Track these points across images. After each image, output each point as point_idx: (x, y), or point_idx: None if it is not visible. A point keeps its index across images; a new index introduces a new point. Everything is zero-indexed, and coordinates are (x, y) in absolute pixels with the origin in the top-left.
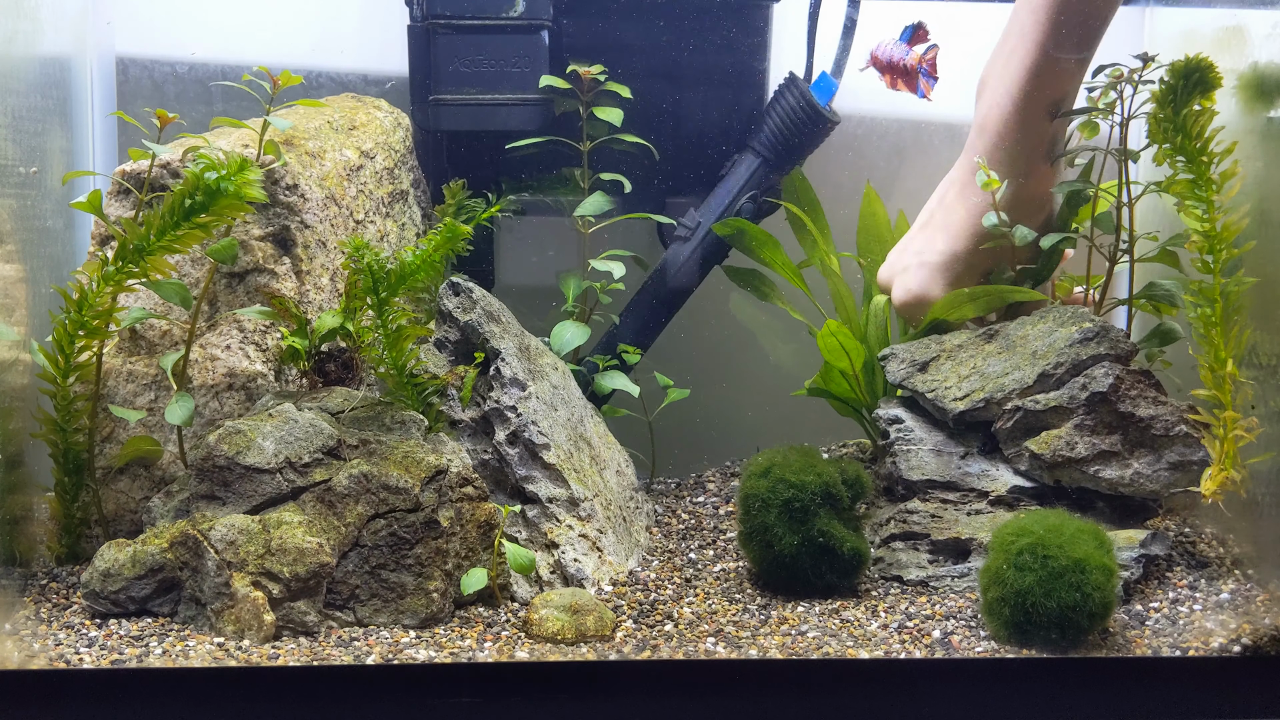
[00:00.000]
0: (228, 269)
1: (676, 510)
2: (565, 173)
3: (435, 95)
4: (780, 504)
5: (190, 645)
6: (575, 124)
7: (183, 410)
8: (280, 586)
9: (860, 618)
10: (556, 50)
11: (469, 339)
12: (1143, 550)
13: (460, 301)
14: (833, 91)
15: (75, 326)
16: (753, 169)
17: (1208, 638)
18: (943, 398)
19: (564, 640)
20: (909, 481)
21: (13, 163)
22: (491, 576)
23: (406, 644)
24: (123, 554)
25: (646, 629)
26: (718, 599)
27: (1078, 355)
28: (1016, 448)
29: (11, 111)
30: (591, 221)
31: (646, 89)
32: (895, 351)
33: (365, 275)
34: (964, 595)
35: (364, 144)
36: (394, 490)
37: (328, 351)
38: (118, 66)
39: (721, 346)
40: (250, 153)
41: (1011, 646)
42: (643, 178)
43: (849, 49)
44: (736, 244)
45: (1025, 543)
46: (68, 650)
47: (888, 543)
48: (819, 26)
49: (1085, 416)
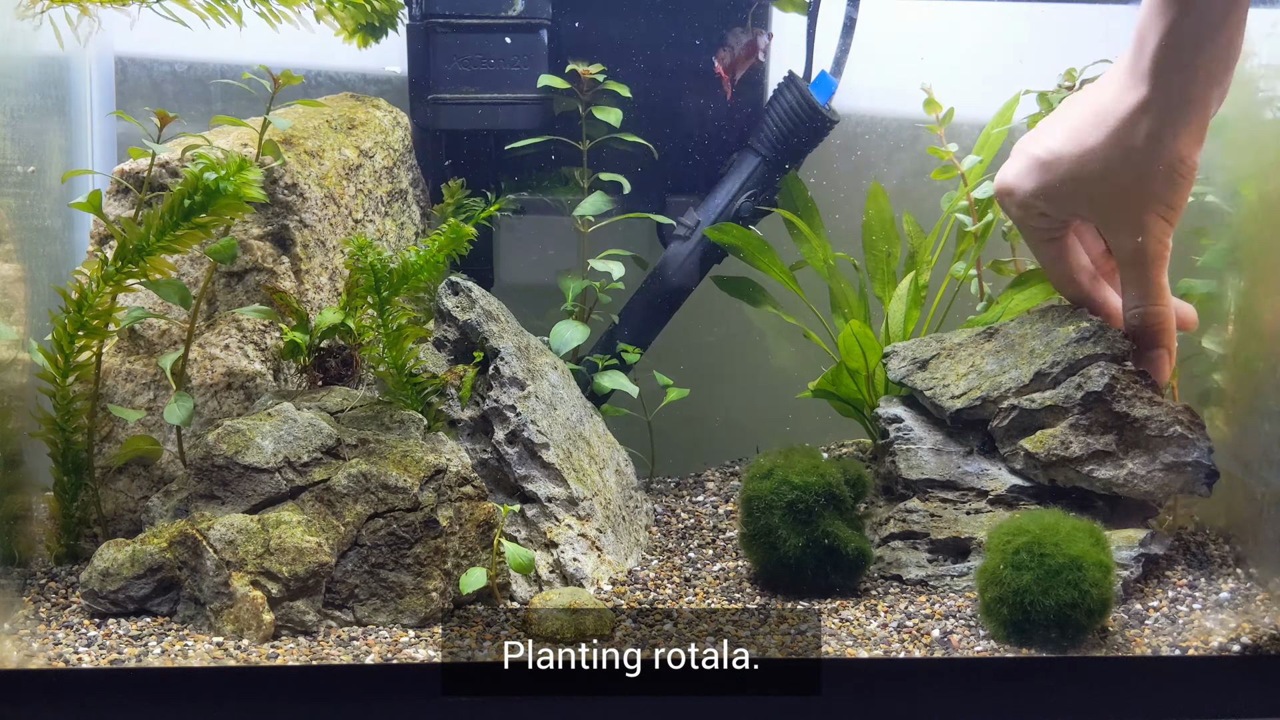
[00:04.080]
0: (226, 268)
1: (676, 509)
2: (564, 172)
3: (434, 94)
4: (784, 505)
5: (189, 645)
6: (574, 123)
7: (182, 410)
8: (279, 586)
9: (860, 617)
10: (556, 49)
11: (468, 338)
12: (1142, 549)
13: (459, 300)
14: (832, 90)
15: (74, 326)
16: (752, 168)
17: (1207, 637)
18: (941, 396)
19: (563, 639)
20: (908, 480)
21: (11, 162)
22: (491, 576)
23: (405, 643)
24: (121, 553)
25: (646, 628)
26: (717, 598)
27: (1074, 354)
28: (1012, 446)
29: (10, 110)
30: (591, 221)
31: (647, 88)
32: (897, 349)
33: (367, 274)
34: (963, 594)
35: (363, 143)
36: (393, 489)
37: (327, 348)
38: (116, 65)
39: (721, 345)
40: (249, 152)
41: (1011, 646)
42: (643, 177)
43: (848, 48)
44: (729, 249)
45: (1021, 541)
46: (66, 650)
47: (887, 542)
48: (819, 25)
49: (1080, 416)
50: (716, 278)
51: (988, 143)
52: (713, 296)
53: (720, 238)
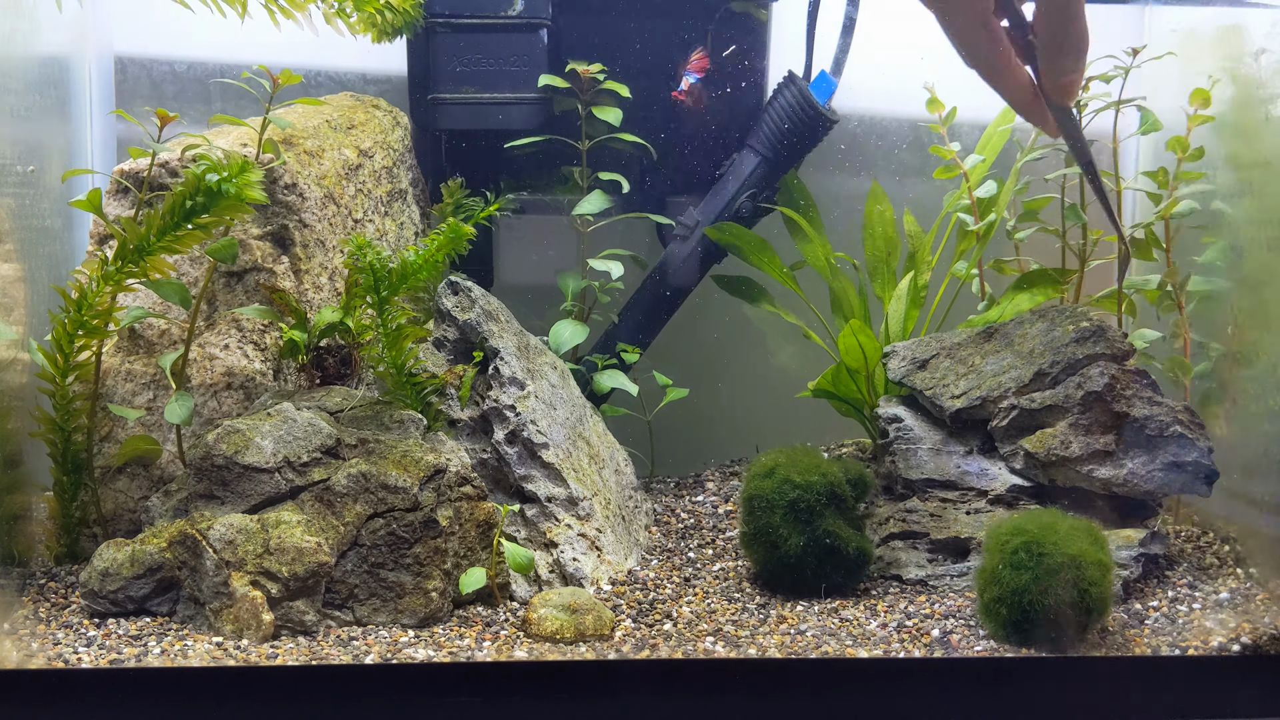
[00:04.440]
0: (226, 268)
1: (675, 509)
2: (564, 171)
3: (434, 94)
4: (786, 505)
5: (189, 645)
6: (574, 123)
7: (181, 409)
8: (279, 586)
9: (859, 616)
10: (555, 49)
11: (468, 338)
12: (1142, 549)
13: (459, 300)
14: (832, 90)
15: (74, 326)
16: (752, 168)
17: (1207, 637)
18: (941, 395)
19: (563, 639)
20: (908, 480)
21: (11, 161)
22: (490, 576)
23: (405, 643)
24: (121, 553)
25: (645, 628)
26: (717, 598)
27: (1074, 354)
28: (1012, 446)
29: (10, 110)
30: (590, 220)
31: (646, 88)
32: (896, 349)
33: (366, 274)
34: (963, 594)
35: (363, 143)
36: (393, 489)
37: (326, 347)
38: (116, 65)
39: (721, 345)
40: (249, 152)
41: (1010, 645)
42: (643, 177)
43: (848, 48)
44: (729, 248)
45: (1020, 541)
46: (66, 650)
47: (887, 541)
48: (818, 25)
49: (1080, 415)
50: (717, 277)
51: (990, 142)
52: (713, 295)
53: (720, 237)
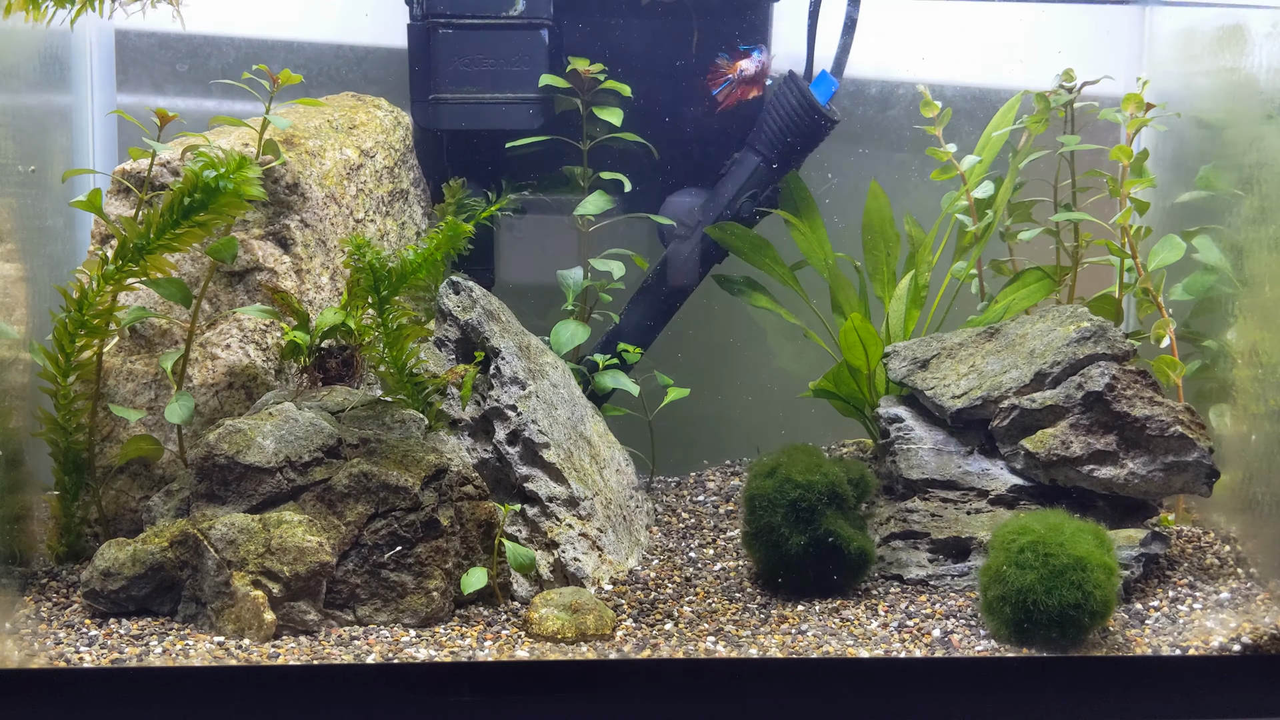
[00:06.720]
0: (227, 268)
1: (676, 509)
2: (565, 171)
3: (435, 94)
4: (787, 504)
5: (190, 644)
6: (575, 123)
7: (183, 409)
8: (280, 585)
9: (860, 616)
10: (556, 49)
11: (469, 338)
12: (1143, 549)
13: (460, 300)
14: (833, 90)
15: (75, 325)
16: (752, 168)
17: (1208, 637)
18: (941, 396)
19: (564, 639)
20: (909, 480)
21: (12, 161)
22: (491, 576)
23: (406, 643)
24: (123, 553)
25: (646, 628)
26: (718, 598)
27: (1075, 354)
28: (1013, 446)
29: (10, 110)
30: (591, 220)
31: (646, 87)
32: (897, 349)
33: (366, 273)
34: (964, 594)
35: (364, 143)
36: (394, 489)
37: (328, 348)
38: (116, 65)
39: (721, 345)
40: (250, 151)
41: (1011, 645)
42: (643, 177)
43: (849, 48)
44: (730, 248)
45: (1026, 541)
46: (68, 649)
47: (888, 541)
48: (819, 25)
49: (1081, 416)
50: (718, 277)
51: (988, 144)
52: (714, 295)
53: (720, 237)
